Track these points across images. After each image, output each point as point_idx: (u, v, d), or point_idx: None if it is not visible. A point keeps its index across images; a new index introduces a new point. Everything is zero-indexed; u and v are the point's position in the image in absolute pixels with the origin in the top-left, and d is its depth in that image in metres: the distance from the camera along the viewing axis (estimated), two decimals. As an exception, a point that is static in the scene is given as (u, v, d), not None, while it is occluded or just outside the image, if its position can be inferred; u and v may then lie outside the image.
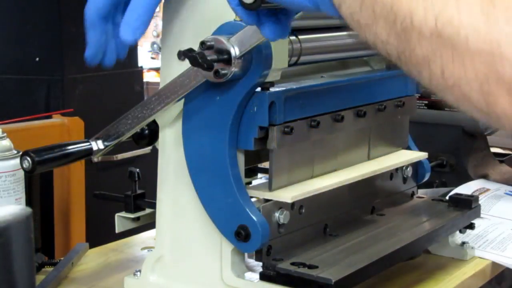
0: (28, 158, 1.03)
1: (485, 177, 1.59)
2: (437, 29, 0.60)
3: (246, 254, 1.04)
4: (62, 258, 1.23)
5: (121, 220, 1.19)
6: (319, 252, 1.04)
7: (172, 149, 1.06)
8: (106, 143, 1.08)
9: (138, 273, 1.11)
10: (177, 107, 1.04)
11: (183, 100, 1.02)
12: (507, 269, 1.26)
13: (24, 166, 1.03)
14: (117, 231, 1.19)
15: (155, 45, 5.31)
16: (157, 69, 4.58)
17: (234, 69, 0.93)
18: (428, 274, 1.18)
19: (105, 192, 1.28)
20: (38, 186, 1.28)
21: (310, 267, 0.98)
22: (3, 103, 2.41)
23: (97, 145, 1.08)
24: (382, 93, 1.19)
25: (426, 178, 1.31)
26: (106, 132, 1.08)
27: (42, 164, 1.03)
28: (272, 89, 0.98)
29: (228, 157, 0.98)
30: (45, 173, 1.08)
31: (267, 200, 1.01)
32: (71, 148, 1.05)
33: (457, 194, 1.29)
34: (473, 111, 0.63)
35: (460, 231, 1.25)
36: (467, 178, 1.57)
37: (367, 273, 1.01)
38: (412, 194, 1.31)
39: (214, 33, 0.96)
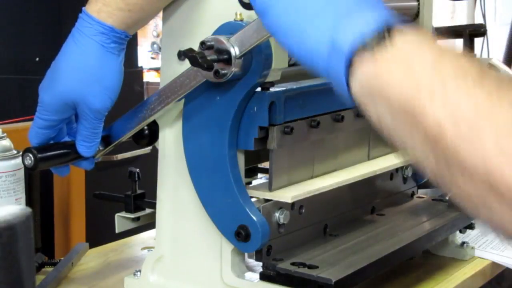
0: (30, 155, 1.02)
1: (485, 177, 1.58)
2: (493, 185, 0.58)
3: (246, 254, 1.04)
4: (62, 258, 1.23)
5: (121, 220, 1.19)
6: (319, 252, 1.04)
7: (172, 149, 1.06)
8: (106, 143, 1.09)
9: (138, 273, 1.11)
10: (177, 107, 1.04)
11: (183, 100, 1.02)
12: (507, 269, 1.26)
13: (26, 163, 1.03)
14: (117, 231, 1.19)
15: (155, 45, 5.30)
16: (157, 69, 4.58)
17: (234, 69, 0.93)
18: (428, 274, 1.18)
19: (105, 192, 1.28)
20: (38, 186, 1.28)
21: (310, 267, 0.98)
22: (3, 103, 2.41)
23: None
24: (382, 93, 1.19)
25: (426, 179, 1.31)
26: (106, 133, 1.08)
27: (44, 161, 1.03)
28: (272, 89, 0.98)
29: (228, 157, 0.98)
30: (45, 173, 1.08)
31: (267, 200, 1.01)
32: (73, 146, 1.05)
33: (457, 194, 1.29)
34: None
35: (460, 231, 1.25)
36: (467, 178, 1.56)
37: (367, 273, 1.01)
38: (412, 194, 1.31)
39: (214, 33, 0.95)
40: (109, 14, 1.00)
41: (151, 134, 1.09)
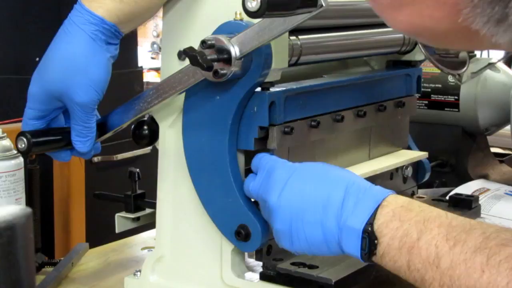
0: (24, 139, 1.02)
1: (485, 177, 1.59)
2: None
3: (246, 254, 1.04)
4: (62, 258, 1.23)
5: (121, 220, 1.19)
6: (319, 252, 1.03)
7: (172, 149, 1.06)
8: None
9: (138, 273, 1.11)
10: (178, 107, 1.04)
11: (183, 100, 1.02)
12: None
13: (19, 146, 1.02)
14: (117, 231, 1.19)
15: (155, 45, 5.30)
16: (157, 69, 4.58)
17: (234, 68, 0.93)
18: (428, 274, 1.17)
19: (105, 192, 1.28)
20: (38, 186, 1.27)
21: (310, 267, 0.98)
22: (3, 103, 2.41)
23: None
24: (382, 93, 1.19)
25: (426, 178, 1.31)
26: (101, 121, 1.08)
27: (37, 145, 1.02)
28: (272, 89, 0.98)
29: (228, 157, 0.98)
30: (45, 173, 1.08)
31: (267, 200, 1.00)
32: (68, 133, 1.04)
33: (457, 194, 1.29)
34: None
35: (460, 231, 1.25)
36: (467, 178, 1.56)
37: (367, 273, 1.00)
38: (412, 194, 1.31)
39: (214, 33, 0.95)
40: (100, 3, 0.98)
41: (151, 134, 1.09)
